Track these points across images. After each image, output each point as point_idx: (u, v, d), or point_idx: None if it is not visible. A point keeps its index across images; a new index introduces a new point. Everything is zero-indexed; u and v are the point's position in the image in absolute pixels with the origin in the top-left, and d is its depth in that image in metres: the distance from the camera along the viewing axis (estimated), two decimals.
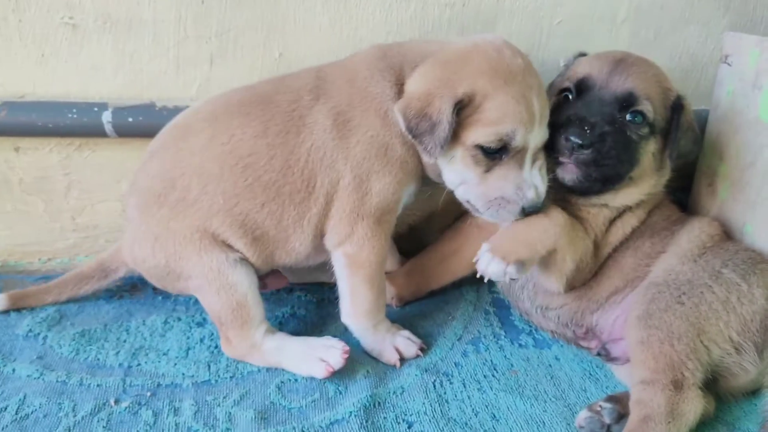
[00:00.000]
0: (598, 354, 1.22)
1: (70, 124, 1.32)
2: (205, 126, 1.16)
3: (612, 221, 1.24)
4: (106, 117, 1.32)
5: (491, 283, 1.34)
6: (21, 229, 1.46)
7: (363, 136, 1.14)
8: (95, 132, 1.34)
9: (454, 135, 1.09)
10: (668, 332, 1.06)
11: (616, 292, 1.23)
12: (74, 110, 1.32)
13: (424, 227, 1.60)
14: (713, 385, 1.09)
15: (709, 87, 1.45)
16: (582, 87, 1.21)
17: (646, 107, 1.17)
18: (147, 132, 1.34)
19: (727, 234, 1.28)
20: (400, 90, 1.14)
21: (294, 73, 1.22)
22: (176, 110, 1.33)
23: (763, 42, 1.27)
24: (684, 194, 1.48)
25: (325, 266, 1.24)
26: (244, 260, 1.18)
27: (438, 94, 1.06)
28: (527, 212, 1.13)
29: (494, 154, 1.09)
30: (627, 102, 1.18)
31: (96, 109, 1.32)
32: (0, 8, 1.27)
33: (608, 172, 1.17)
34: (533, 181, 1.12)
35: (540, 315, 1.31)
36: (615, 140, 1.15)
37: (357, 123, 1.14)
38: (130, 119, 1.33)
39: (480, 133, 1.07)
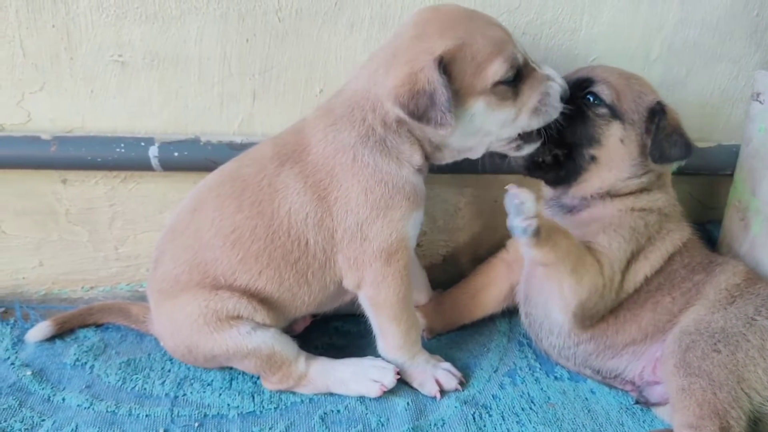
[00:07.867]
0: (637, 402, 1.24)
1: (118, 158, 1.36)
2: (188, 221, 1.22)
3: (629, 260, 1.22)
4: (153, 152, 1.35)
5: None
6: (66, 258, 1.50)
7: (339, 193, 1.16)
8: (142, 166, 1.37)
9: (469, 92, 1.10)
10: (709, 380, 1.07)
11: (633, 344, 1.23)
12: (122, 144, 1.35)
13: (457, 257, 1.63)
14: (753, 427, 1.10)
15: (739, 122, 1.48)
16: None
17: (601, 89, 1.24)
18: (191, 166, 1.39)
19: (756, 275, 1.28)
20: (368, 130, 1.14)
21: (252, 147, 1.26)
22: (219, 145, 1.37)
23: None
24: (715, 227, 1.51)
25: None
26: (257, 325, 1.20)
27: (418, 69, 1.06)
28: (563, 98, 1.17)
29: (513, 81, 1.12)
30: (584, 83, 1.25)
31: (143, 144, 1.35)
32: (52, 46, 1.32)
33: (568, 138, 1.23)
34: (550, 72, 1.17)
35: (558, 354, 1.32)
36: (571, 111, 1.20)
37: (328, 182, 1.16)
38: (176, 154, 1.36)
39: (492, 71, 1.09)
